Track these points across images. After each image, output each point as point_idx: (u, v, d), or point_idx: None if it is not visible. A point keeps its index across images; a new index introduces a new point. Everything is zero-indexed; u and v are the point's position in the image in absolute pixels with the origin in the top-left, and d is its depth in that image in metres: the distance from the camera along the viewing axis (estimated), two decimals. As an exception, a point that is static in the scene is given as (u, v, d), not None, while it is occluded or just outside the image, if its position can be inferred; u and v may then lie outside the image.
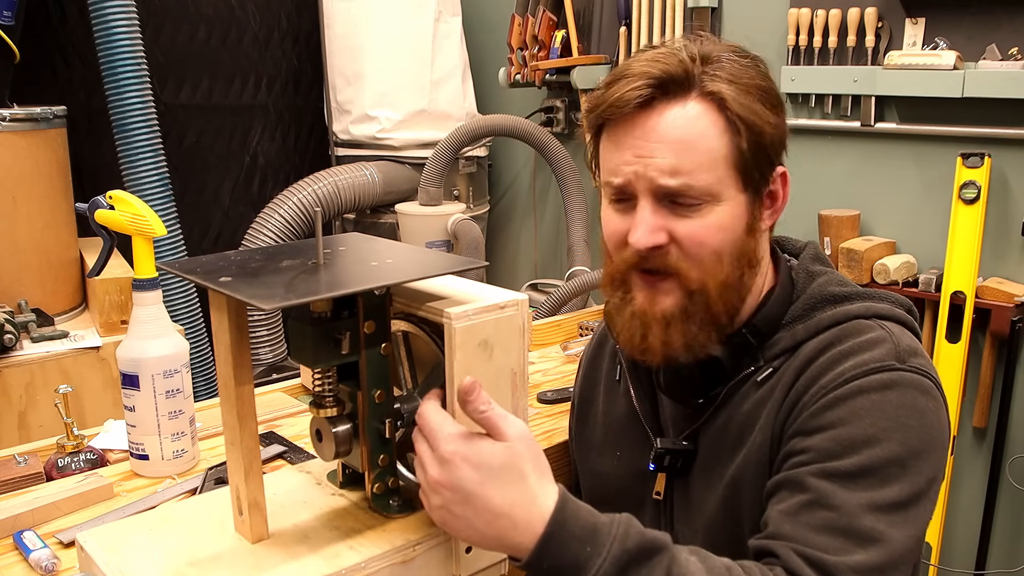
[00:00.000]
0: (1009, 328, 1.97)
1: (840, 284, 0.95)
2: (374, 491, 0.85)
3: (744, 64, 0.90)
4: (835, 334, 0.90)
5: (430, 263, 0.84)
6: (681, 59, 0.88)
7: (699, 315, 0.90)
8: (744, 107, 0.87)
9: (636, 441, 1.04)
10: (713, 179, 0.87)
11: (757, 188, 0.91)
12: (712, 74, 0.88)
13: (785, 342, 0.93)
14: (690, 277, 0.89)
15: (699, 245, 0.88)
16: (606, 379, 1.11)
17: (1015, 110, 1.96)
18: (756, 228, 0.92)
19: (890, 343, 0.88)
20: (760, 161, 0.89)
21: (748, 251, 0.91)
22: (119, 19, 2.32)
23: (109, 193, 1.23)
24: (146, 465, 1.20)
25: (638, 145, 0.88)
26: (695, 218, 0.88)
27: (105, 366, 2.00)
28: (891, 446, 0.81)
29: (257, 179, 2.98)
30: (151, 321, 1.18)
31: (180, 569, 0.78)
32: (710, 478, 0.95)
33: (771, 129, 0.89)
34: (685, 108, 0.87)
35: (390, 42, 2.93)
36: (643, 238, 0.88)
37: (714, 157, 0.87)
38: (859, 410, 0.83)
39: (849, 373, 0.85)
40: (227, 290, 0.72)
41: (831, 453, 0.82)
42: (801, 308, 0.94)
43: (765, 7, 2.42)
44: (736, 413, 0.94)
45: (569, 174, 2.87)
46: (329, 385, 0.82)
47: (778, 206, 0.95)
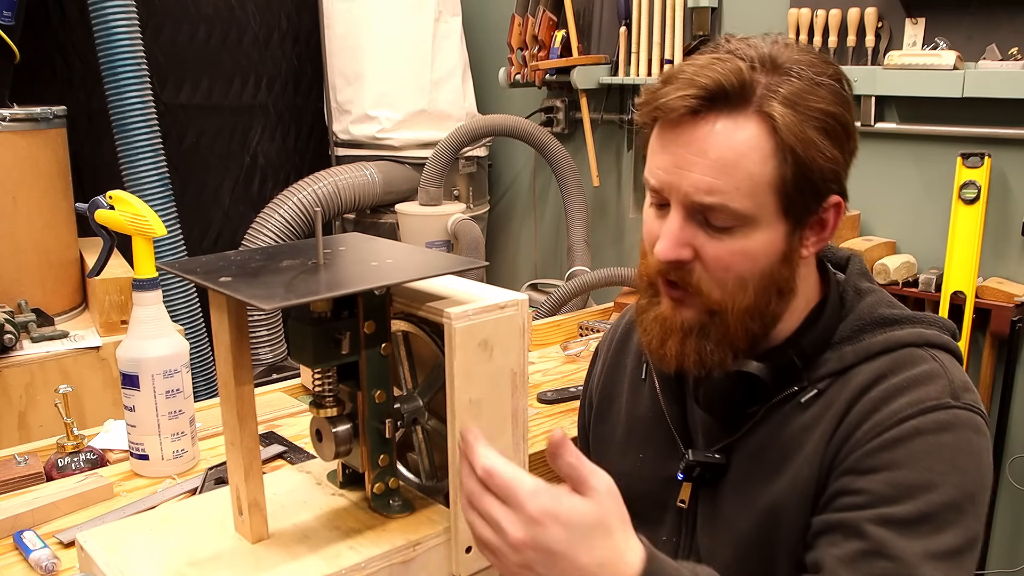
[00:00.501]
0: (1009, 328, 1.97)
1: (889, 305, 0.92)
2: (374, 491, 0.85)
3: (816, 83, 0.82)
4: (887, 364, 0.86)
5: (430, 263, 0.84)
6: (738, 68, 0.81)
7: (715, 334, 0.87)
8: (797, 135, 0.80)
9: (661, 444, 1.00)
10: (751, 204, 0.81)
11: (800, 217, 0.85)
12: (774, 89, 0.81)
13: (832, 364, 0.89)
14: (711, 298, 0.86)
15: (724, 269, 0.84)
16: (631, 376, 1.08)
17: (1015, 110, 1.96)
18: (793, 257, 0.86)
19: (944, 379, 0.85)
20: (805, 192, 0.83)
21: (780, 280, 0.86)
22: (119, 19, 2.32)
23: (109, 193, 1.23)
24: (146, 465, 1.20)
25: (679, 154, 0.83)
26: (725, 240, 0.83)
27: (105, 366, 2.00)
28: (947, 491, 0.79)
29: (257, 179, 2.98)
30: (151, 321, 1.18)
31: (180, 569, 0.78)
32: (744, 496, 0.91)
33: (824, 161, 0.82)
34: (735, 124, 0.81)
35: (390, 42, 2.93)
36: (665, 250, 0.84)
37: (756, 182, 0.81)
38: (916, 453, 0.80)
39: (905, 412, 0.82)
40: (227, 290, 0.72)
41: (887, 498, 0.80)
42: (850, 329, 0.90)
43: (765, 7, 2.42)
44: (778, 434, 0.90)
45: (569, 174, 2.87)
46: (329, 385, 0.82)
47: (826, 235, 0.89)
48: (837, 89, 0.83)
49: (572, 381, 1.58)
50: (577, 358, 1.73)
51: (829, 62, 0.85)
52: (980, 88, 1.92)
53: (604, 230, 3.07)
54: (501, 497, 0.71)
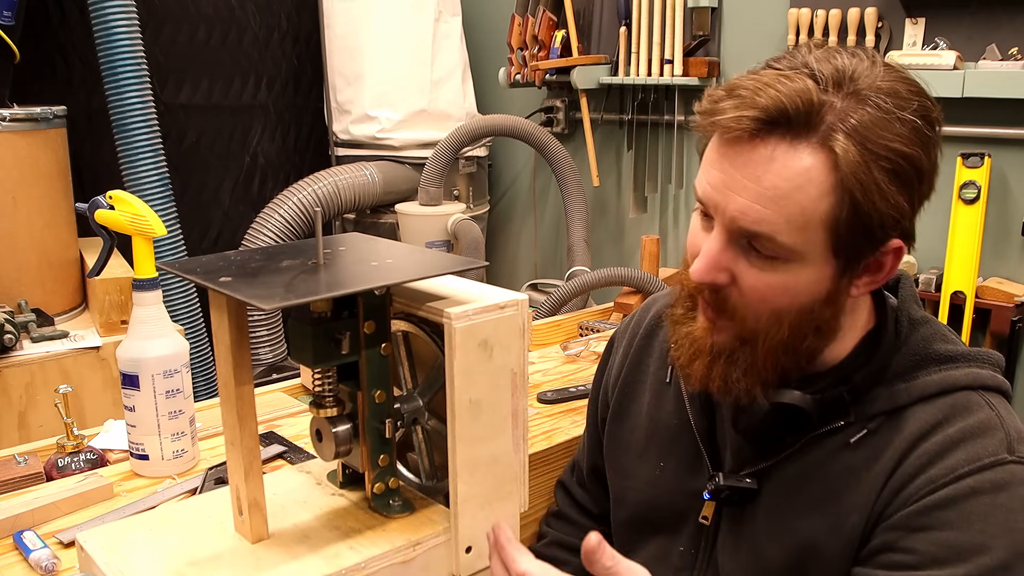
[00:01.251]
0: (1009, 328, 1.98)
1: (944, 340, 0.87)
2: (374, 491, 0.85)
3: (892, 116, 0.74)
4: (943, 412, 0.82)
5: (430, 263, 0.84)
6: (805, 89, 0.73)
7: (743, 363, 0.83)
8: (860, 176, 0.73)
9: (686, 456, 0.96)
10: (800, 239, 0.76)
11: (852, 259, 0.79)
12: (844, 118, 0.73)
13: (883, 403, 0.84)
14: (744, 325, 0.81)
15: (760, 301, 0.79)
16: (654, 379, 1.03)
17: (1015, 110, 1.96)
18: (839, 298, 0.81)
19: (1001, 432, 0.80)
20: (859, 236, 0.77)
21: (819, 319, 0.81)
22: (119, 19, 2.32)
23: (109, 193, 1.23)
24: (146, 465, 1.20)
25: (731, 174, 0.77)
26: (766, 272, 0.78)
27: (105, 366, 2.00)
28: (998, 553, 0.76)
29: (257, 179, 2.99)
30: (151, 321, 1.18)
31: (180, 569, 0.78)
32: (778, 525, 0.88)
33: (885, 207, 0.75)
34: (796, 152, 0.74)
35: (390, 42, 2.93)
36: (700, 272, 0.80)
37: (808, 217, 0.75)
38: (969, 515, 0.77)
39: (962, 469, 0.78)
40: (227, 290, 0.72)
41: (937, 559, 0.77)
42: (904, 365, 0.85)
43: (765, 7, 2.42)
44: (820, 469, 0.85)
45: (569, 174, 2.87)
46: (329, 385, 0.82)
47: (880, 277, 0.83)
48: (919, 127, 0.75)
49: (572, 381, 1.58)
50: (577, 358, 1.73)
51: (918, 92, 0.77)
52: (980, 88, 1.92)
53: (604, 230, 3.07)
54: None
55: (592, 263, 2.86)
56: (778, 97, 0.73)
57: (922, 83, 0.79)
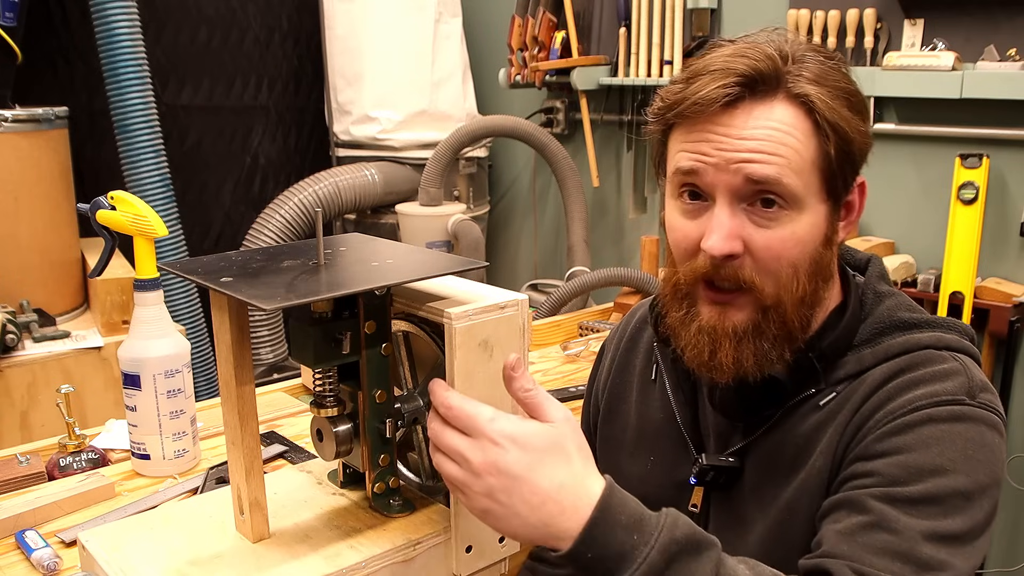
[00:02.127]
0: (1007, 328, 1.98)
1: (909, 309, 0.91)
2: (375, 491, 0.85)
3: (829, 65, 0.84)
4: (906, 361, 0.86)
5: (430, 263, 0.84)
6: (768, 54, 0.82)
7: (772, 332, 0.84)
8: (832, 111, 0.81)
9: (672, 448, 0.99)
10: (800, 183, 0.81)
11: (838, 197, 0.85)
12: (798, 74, 0.82)
13: (850, 367, 0.88)
14: (765, 292, 0.83)
15: (776, 258, 0.82)
16: (640, 378, 1.05)
17: (1013, 111, 1.96)
18: (833, 240, 0.86)
19: (963, 376, 0.84)
20: (845, 169, 0.84)
21: (824, 264, 0.86)
22: (121, 20, 2.33)
23: (111, 193, 1.23)
24: (147, 465, 1.20)
25: (721, 140, 0.81)
26: (774, 228, 0.82)
27: (107, 366, 2.00)
28: (958, 478, 0.78)
29: (258, 180, 2.99)
30: (152, 321, 1.18)
31: (181, 568, 0.78)
32: (761, 499, 0.90)
33: (859, 136, 0.83)
34: (772, 109, 0.81)
35: (390, 43, 2.94)
36: (719, 244, 0.81)
37: (803, 159, 0.81)
38: (927, 438, 0.80)
39: (919, 401, 0.82)
40: (228, 290, 0.72)
41: (896, 479, 0.79)
42: (869, 332, 0.89)
43: (764, 8, 2.42)
44: (792, 435, 0.89)
45: (569, 174, 2.88)
46: (330, 385, 0.83)
47: (853, 217, 0.89)
48: (845, 70, 0.85)
49: (572, 381, 1.58)
50: (577, 358, 1.73)
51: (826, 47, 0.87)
52: (978, 89, 1.93)
53: (604, 230, 3.08)
54: (462, 428, 0.71)
55: (592, 263, 2.86)
56: (751, 63, 0.81)
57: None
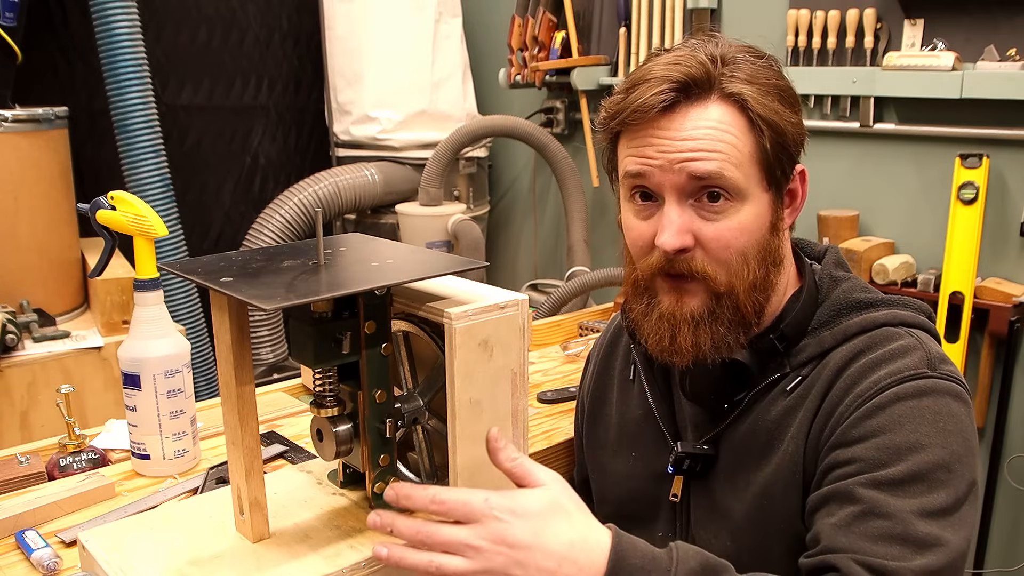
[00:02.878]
0: (1007, 328, 1.98)
1: (864, 290, 0.95)
2: (375, 491, 0.85)
3: (760, 64, 0.89)
4: (864, 342, 0.90)
5: (430, 263, 0.84)
6: (701, 60, 0.87)
7: (727, 317, 0.89)
8: (765, 107, 0.86)
9: (652, 442, 1.02)
10: (741, 176, 0.86)
11: (779, 186, 0.90)
12: (731, 75, 0.87)
13: (812, 349, 0.92)
14: (717, 280, 0.88)
15: (725, 248, 0.87)
16: (619, 378, 1.10)
17: (1013, 111, 1.96)
18: (779, 227, 0.91)
19: (921, 351, 0.87)
20: (782, 159, 0.89)
21: (772, 250, 0.91)
22: (121, 20, 2.33)
23: (111, 193, 1.23)
24: (147, 465, 1.20)
25: (663, 143, 0.87)
26: (720, 220, 0.87)
27: (107, 366, 2.00)
28: (935, 451, 0.81)
29: (258, 180, 2.99)
30: (152, 321, 1.18)
31: (181, 568, 0.78)
32: (736, 484, 0.94)
33: (792, 128, 0.88)
34: (707, 110, 0.86)
35: (390, 43, 2.94)
36: (670, 239, 0.87)
37: (741, 154, 0.86)
38: (899, 417, 0.83)
39: (884, 381, 0.85)
40: (228, 290, 0.72)
41: (877, 462, 0.81)
42: (827, 314, 0.93)
43: (764, 8, 2.42)
44: (763, 419, 0.92)
45: (569, 174, 2.88)
46: (330, 385, 0.83)
47: (797, 204, 0.95)
48: (776, 67, 0.91)
49: (572, 381, 1.58)
50: (577, 358, 1.73)
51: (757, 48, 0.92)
52: (978, 89, 1.92)
53: (604, 230, 3.08)
54: (459, 517, 0.73)
55: (592, 263, 2.86)
56: (684, 70, 0.86)
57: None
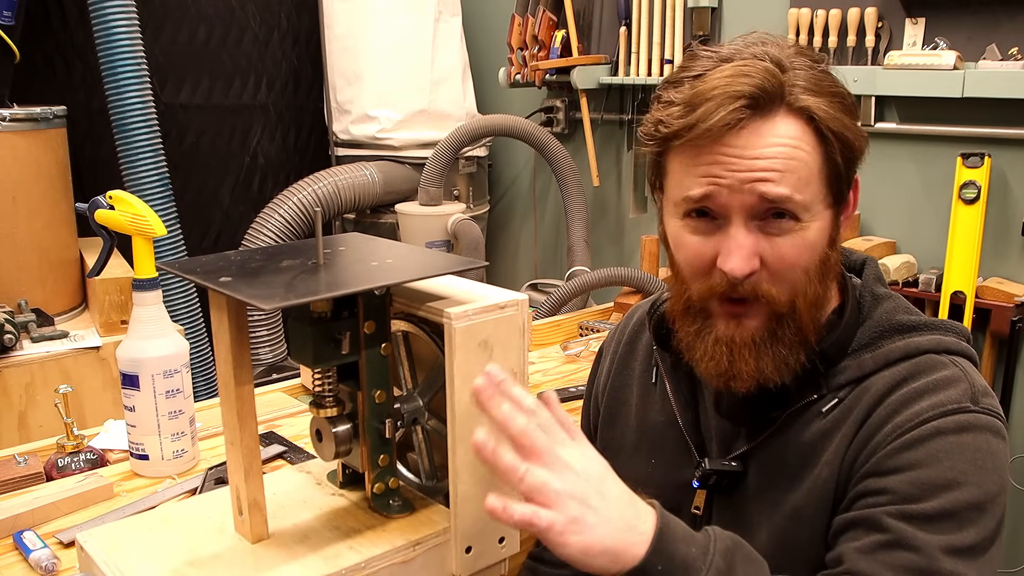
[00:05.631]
0: (1009, 328, 1.97)
1: (906, 311, 0.92)
2: (374, 491, 0.85)
3: (820, 70, 0.84)
4: (908, 369, 0.87)
5: (430, 263, 0.84)
6: (769, 70, 0.81)
7: (788, 337, 0.86)
8: (834, 119, 0.82)
9: (674, 451, 0.99)
10: (810, 195, 0.82)
11: (840, 199, 0.87)
12: (792, 85, 0.82)
13: (851, 372, 0.88)
14: (779, 301, 0.85)
15: (791, 268, 0.84)
16: (640, 381, 1.06)
17: (1015, 110, 1.96)
18: (838, 239, 0.89)
19: (965, 383, 0.85)
20: (849, 172, 0.86)
21: (831, 264, 0.88)
22: (119, 19, 2.32)
23: (109, 193, 1.23)
24: (146, 465, 1.20)
25: (733, 162, 0.81)
26: (786, 238, 0.83)
27: (105, 366, 2.00)
28: (970, 490, 0.79)
29: (257, 179, 2.98)
30: (151, 321, 1.18)
31: (180, 569, 0.78)
32: (765, 504, 0.91)
33: (855, 136, 0.84)
34: (775, 125, 0.81)
35: (390, 42, 2.93)
36: (741, 264, 0.82)
37: (811, 172, 0.82)
38: (937, 452, 0.81)
39: (926, 414, 0.83)
40: (227, 290, 0.72)
41: (910, 496, 0.80)
42: (868, 336, 0.90)
43: (765, 7, 2.42)
44: (796, 441, 0.89)
45: (569, 174, 2.87)
46: (329, 385, 0.82)
47: (849, 211, 0.90)
48: (831, 73, 0.86)
49: (572, 381, 1.58)
50: (577, 358, 1.73)
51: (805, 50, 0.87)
52: (980, 88, 1.92)
53: (604, 230, 3.08)
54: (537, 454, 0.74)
55: (592, 263, 2.86)
56: (755, 82, 0.80)
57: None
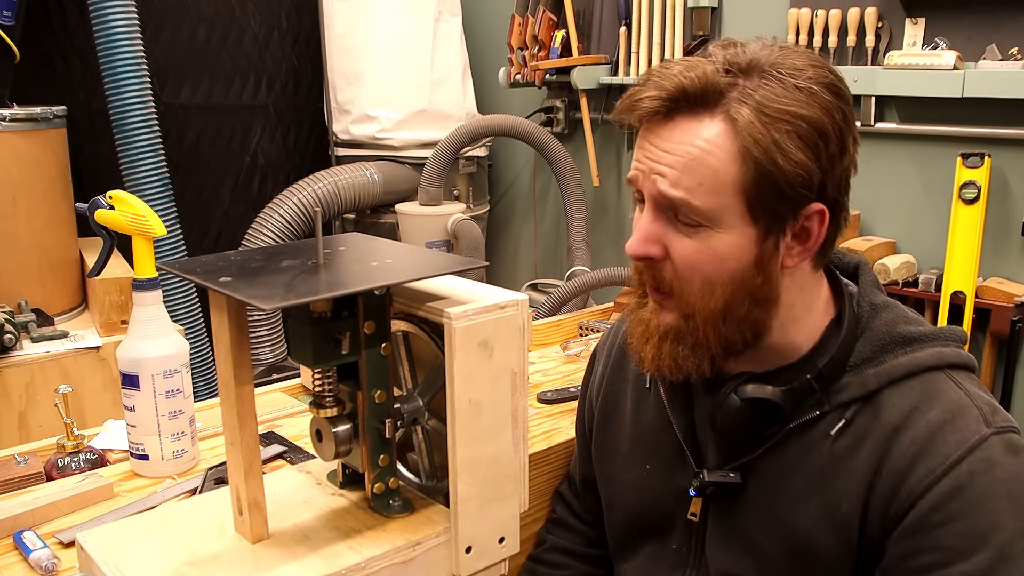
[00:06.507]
0: (1009, 328, 1.97)
1: (906, 322, 0.90)
2: (374, 491, 0.85)
3: (789, 85, 0.80)
4: (916, 396, 0.85)
5: (430, 263, 0.84)
6: (704, 73, 0.81)
7: (689, 340, 0.87)
8: (758, 138, 0.79)
9: (669, 456, 0.99)
10: (715, 203, 0.81)
11: (771, 223, 0.83)
12: (748, 93, 0.80)
13: (855, 389, 0.87)
14: (684, 300, 0.86)
15: (690, 268, 0.84)
16: (634, 384, 1.06)
17: (1015, 110, 1.96)
18: (769, 264, 0.84)
19: (973, 407, 0.84)
20: (772, 198, 0.81)
21: (753, 287, 0.85)
22: (119, 19, 2.32)
23: (109, 193, 1.23)
24: (146, 465, 1.20)
25: (650, 150, 0.84)
26: (691, 239, 0.83)
27: (105, 366, 2.00)
28: (1012, 523, 0.80)
29: (257, 179, 2.98)
30: (151, 321, 1.18)
31: (180, 569, 0.78)
32: (765, 520, 0.91)
33: (790, 167, 0.79)
34: (700, 124, 0.81)
35: (390, 42, 2.93)
36: (634, 245, 0.86)
37: (720, 181, 0.81)
38: (975, 497, 0.81)
39: (954, 454, 0.82)
40: (227, 290, 0.72)
41: (962, 550, 0.80)
42: (869, 350, 0.88)
43: (765, 7, 2.42)
44: (803, 461, 0.88)
45: (569, 174, 2.87)
46: (329, 385, 0.82)
47: (811, 244, 0.85)
48: (816, 92, 0.80)
49: (572, 381, 1.57)
50: (577, 358, 1.73)
51: (818, 64, 0.83)
52: (980, 88, 1.92)
53: (604, 230, 3.07)
54: None
55: (592, 263, 2.86)
56: (680, 80, 0.81)
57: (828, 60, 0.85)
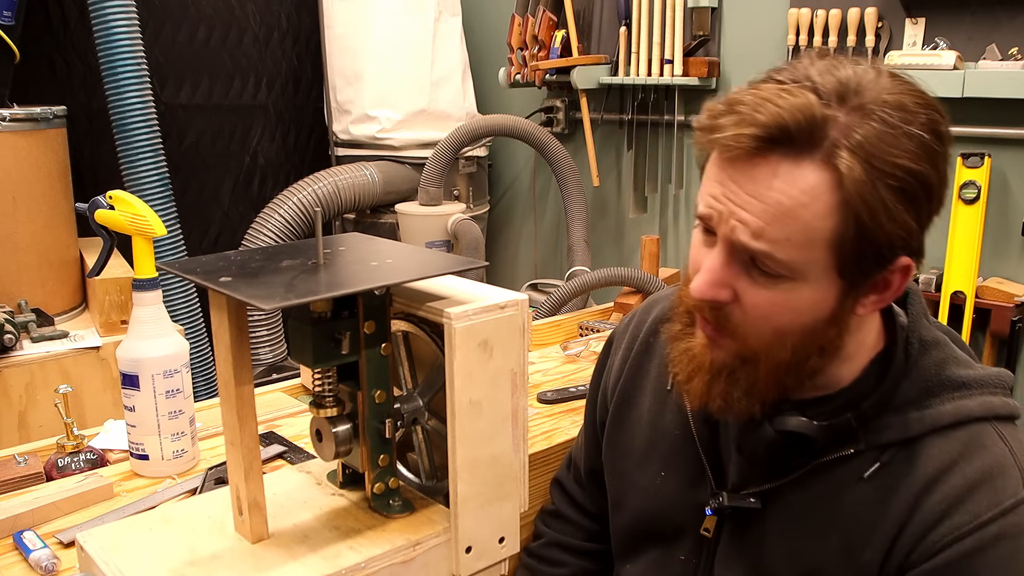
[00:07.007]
0: (1009, 328, 1.98)
1: (956, 363, 0.85)
2: (374, 491, 0.85)
3: (899, 131, 0.71)
4: (957, 449, 0.80)
5: (430, 263, 0.84)
6: (807, 104, 0.70)
7: (745, 382, 0.81)
8: (865, 196, 0.70)
9: (687, 466, 0.95)
10: (802, 257, 0.74)
11: (857, 278, 0.77)
12: (849, 134, 0.70)
13: (895, 431, 0.82)
14: (746, 344, 0.80)
15: (763, 318, 0.78)
16: (655, 385, 1.02)
17: (1015, 110, 1.96)
18: (844, 317, 0.78)
19: (1015, 469, 0.80)
20: (866, 255, 0.74)
21: (824, 339, 0.79)
22: (119, 19, 2.32)
23: (109, 193, 1.23)
24: (146, 465, 1.20)
25: (733, 190, 0.74)
26: (768, 288, 0.76)
27: (105, 366, 2.00)
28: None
29: (257, 179, 2.98)
30: (151, 321, 1.18)
31: (180, 569, 0.78)
32: (782, 550, 0.87)
33: (892, 227, 0.72)
34: (798, 169, 0.71)
35: (390, 42, 2.93)
36: (701, 289, 0.78)
37: (811, 236, 0.72)
38: (998, 560, 0.77)
39: (985, 515, 0.78)
40: (227, 290, 0.72)
41: None
42: (915, 391, 0.83)
43: (765, 7, 2.42)
44: (831, 499, 0.84)
45: (569, 174, 2.87)
46: (329, 385, 0.82)
47: (888, 295, 0.79)
48: (927, 142, 0.72)
49: (572, 381, 1.57)
50: (577, 358, 1.73)
51: (925, 103, 0.74)
52: (980, 88, 1.92)
53: (604, 230, 3.08)
54: None
55: (592, 263, 2.86)
56: (778, 113, 0.70)
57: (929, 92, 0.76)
